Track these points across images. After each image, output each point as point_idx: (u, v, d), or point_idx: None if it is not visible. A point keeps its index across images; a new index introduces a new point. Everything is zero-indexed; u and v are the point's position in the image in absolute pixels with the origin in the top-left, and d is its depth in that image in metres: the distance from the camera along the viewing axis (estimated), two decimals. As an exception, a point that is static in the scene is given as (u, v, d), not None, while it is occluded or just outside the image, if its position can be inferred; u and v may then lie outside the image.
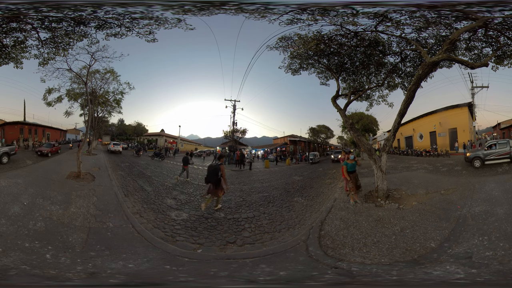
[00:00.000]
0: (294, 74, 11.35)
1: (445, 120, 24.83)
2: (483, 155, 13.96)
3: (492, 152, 13.91)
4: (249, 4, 8.26)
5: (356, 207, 7.68)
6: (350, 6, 7.90)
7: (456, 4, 7.45)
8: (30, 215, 6.22)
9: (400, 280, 3.76)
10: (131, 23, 9.14)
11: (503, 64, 8.90)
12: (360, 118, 27.88)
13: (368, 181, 10.63)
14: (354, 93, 11.50)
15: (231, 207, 8.43)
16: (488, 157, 13.97)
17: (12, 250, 4.50)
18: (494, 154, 13.79)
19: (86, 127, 17.24)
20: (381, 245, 5.11)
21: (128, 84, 20.99)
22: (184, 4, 8.43)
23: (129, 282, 3.90)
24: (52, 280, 3.75)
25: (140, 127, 38.32)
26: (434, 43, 8.98)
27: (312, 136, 33.44)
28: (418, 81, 7.73)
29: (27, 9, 7.99)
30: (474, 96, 21.16)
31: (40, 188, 8.54)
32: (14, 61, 9.84)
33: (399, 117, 8.39)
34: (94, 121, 22.33)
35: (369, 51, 9.85)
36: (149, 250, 5.15)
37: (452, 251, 4.48)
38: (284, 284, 3.97)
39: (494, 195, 7.34)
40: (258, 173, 17.48)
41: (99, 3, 8.22)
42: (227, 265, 4.67)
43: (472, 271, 3.67)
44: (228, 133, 29.40)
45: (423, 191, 8.63)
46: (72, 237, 5.39)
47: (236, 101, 26.82)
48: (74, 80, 16.79)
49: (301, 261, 4.78)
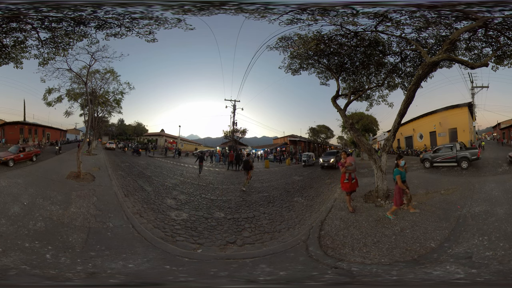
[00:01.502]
0: (294, 74, 11.35)
1: (445, 120, 24.83)
2: (431, 158, 14.83)
3: (439, 155, 14.68)
4: (249, 4, 8.26)
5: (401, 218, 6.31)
6: (350, 6, 7.90)
7: (456, 4, 7.45)
8: (30, 215, 6.23)
9: (400, 280, 3.76)
10: (131, 23, 9.14)
11: (503, 64, 8.89)
12: (360, 118, 27.89)
13: (368, 181, 10.63)
14: (354, 93, 11.50)
15: (231, 207, 8.43)
16: (435, 159, 14.77)
17: (12, 250, 4.50)
18: (440, 157, 14.59)
19: (86, 127, 17.24)
20: (381, 245, 5.11)
21: (128, 84, 21.03)
22: (184, 4, 8.43)
23: (129, 282, 3.90)
24: (52, 280, 3.75)
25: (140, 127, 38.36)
26: (434, 43, 8.97)
27: (312, 136, 33.46)
28: (418, 81, 7.73)
29: (27, 9, 7.98)
30: (474, 96, 21.17)
31: (40, 188, 8.55)
32: (14, 61, 9.83)
33: (399, 117, 8.39)
34: (94, 121, 22.33)
35: (369, 51, 9.84)
36: (149, 250, 5.15)
37: (452, 251, 4.48)
38: (284, 284, 3.97)
39: (494, 195, 7.35)
40: (258, 173, 17.48)
41: (99, 3, 8.21)
42: (227, 265, 4.67)
43: (472, 271, 3.67)
44: (228, 133, 29.44)
45: (423, 191, 8.64)
46: (72, 237, 5.39)
47: (236, 101, 26.86)
48: (74, 80, 16.80)
49: (301, 261, 4.78)
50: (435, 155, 14.82)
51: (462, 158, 13.66)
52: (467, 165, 13.35)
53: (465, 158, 13.57)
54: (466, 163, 13.42)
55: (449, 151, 14.38)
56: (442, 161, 14.39)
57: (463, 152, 13.96)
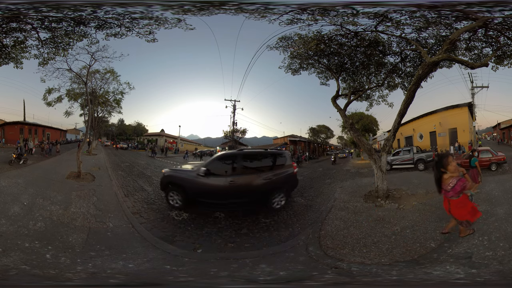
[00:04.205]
0: (294, 74, 11.34)
1: (445, 120, 24.84)
2: (390, 160, 15.53)
3: (398, 158, 15.82)
4: (249, 4, 8.25)
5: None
6: (350, 6, 7.89)
7: (456, 4, 7.44)
8: (30, 215, 6.22)
9: (400, 280, 3.76)
10: (131, 23, 9.13)
11: (503, 64, 8.90)
12: (360, 118, 27.90)
13: (368, 181, 10.63)
14: (354, 93, 11.50)
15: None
16: (394, 162, 15.75)
17: (12, 250, 4.50)
18: (399, 159, 15.70)
19: (86, 127, 17.24)
20: (381, 245, 5.11)
21: (128, 84, 20.98)
22: (184, 4, 8.42)
23: (129, 282, 3.90)
24: (52, 280, 3.75)
25: (140, 127, 38.35)
26: (434, 43, 8.97)
27: (312, 136, 33.48)
28: (418, 81, 7.73)
29: (27, 9, 7.98)
30: (474, 96, 21.17)
31: (40, 188, 8.54)
32: (14, 61, 9.82)
33: (399, 117, 8.39)
34: (94, 121, 22.32)
35: (369, 51, 9.84)
36: (149, 250, 5.15)
37: (452, 251, 4.48)
38: (284, 284, 3.97)
39: (494, 195, 7.34)
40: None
41: (99, 3, 8.21)
42: (227, 265, 4.67)
43: (472, 271, 3.67)
44: (228, 133, 29.44)
45: (423, 191, 8.63)
46: (72, 237, 5.38)
47: (236, 101, 26.86)
48: (74, 80, 16.74)
49: (301, 261, 4.78)
50: (394, 158, 15.90)
51: (419, 160, 15.01)
52: (424, 167, 14.57)
53: (421, 160, 14.93)
54: (422, 165, 14.70)
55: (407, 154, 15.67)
56: (401, 163, 15.51)
57: (419, 154, 15.43)
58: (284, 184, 8.22)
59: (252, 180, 7.54)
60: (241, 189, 7.24)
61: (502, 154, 12.70)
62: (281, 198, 7.91)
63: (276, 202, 7.80)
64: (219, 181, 7.28)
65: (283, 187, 8.15)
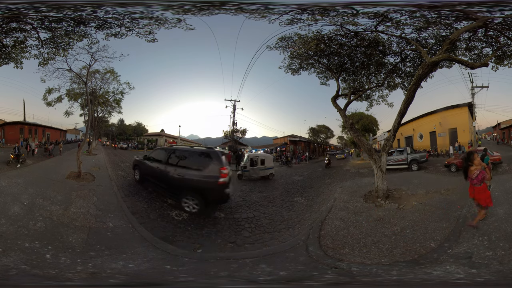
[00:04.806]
0: (294, 74, 11.34)
1: (445, 120, 24.81)
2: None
3: (391, 158, 15.55)
4: (249, 4, 8.26)
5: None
6: (350, 6, 7.90)
7: (456, 4, 7.44)
8: (30, 215, 6.22)
9: (400, 280, 3.77)
10: (131, 23, 9.13)
11: (503, 64, 8.90)
12: (360, 118, 27.85)
13: (368, 181, 10.63)
14: (354, 93, 11.50)
15: (231, 207, 8.42)
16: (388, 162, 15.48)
17: (12, 250, 4.50)
18: (392, 160, 15.51)
19: (86, 127, 17.23)
20: (381, 245, 5.11)
21: (128, 84, 20.91)
22: (184, 4, 8.42)
23: (129, 282, 3.90)
24: (52, 280, 3.75)
25: (140, 127, 38.31)
26: (434, 43, 8.97)
27: (312, 136, 33.46)
28: (418, 81, 7.73)
29: (27, 9, 7.98)
30: (474, 96, 21.16)
31: (40, 188, 8.53)
32: (14, 61, 9.82)
33: (399, 117, 8.39)
34: (94, 121, 22.30)
35: (369, 51, 9.84)
36: (149, 250, 5.15)
37: (452, 251, 4.48)
38: (284, 284, 3.97)
39: (494, 195, 7.32)
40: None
41: (99, 3, 8.21)
42: (227, 265, 4.67)
43: (472, 271, 3.67)
44: (228, 133, 29.42)
45: (423, 191, 8.63)
46: (72, 237, 5.38)
47: (236, 101, 26.84)
48: (74, 80, 16.69)
49: (301, 261, 4.78)
50: (389, 158, 15.95)
51: (412, 161, 15.04)
52: (417, 167, 14.62)
53: (415, 161, 14.99)
54: (416, 165, 14.76)
55: (401, 154, 15.73)
56: (394, 163, 15.46)
57: (413, 155, 15.47)
58: (197, 189, 7.20)
59: (171, 172, 8.19)
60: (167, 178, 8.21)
61: (498, 154, 12.69)
62: (194, 204, 7.18)
63: (188, 204, 7.24)
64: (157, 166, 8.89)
65: (197, 192, 7.19)
